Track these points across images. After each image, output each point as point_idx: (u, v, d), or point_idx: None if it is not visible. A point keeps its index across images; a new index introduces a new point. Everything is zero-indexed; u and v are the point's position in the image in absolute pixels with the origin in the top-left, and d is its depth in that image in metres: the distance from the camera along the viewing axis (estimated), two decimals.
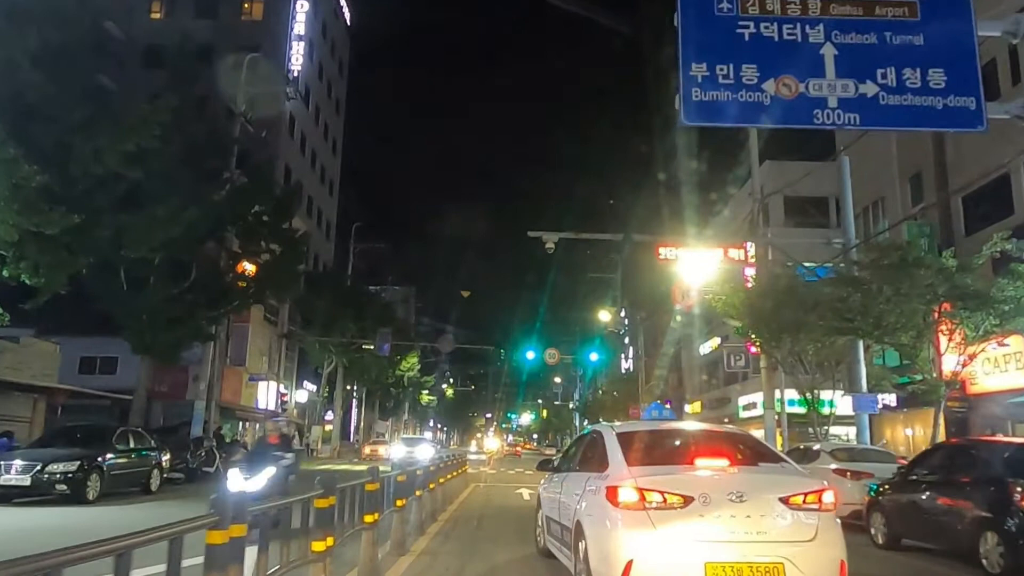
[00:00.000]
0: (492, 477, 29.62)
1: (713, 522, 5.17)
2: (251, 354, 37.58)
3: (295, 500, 5.40)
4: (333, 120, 65.75)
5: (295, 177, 54.18)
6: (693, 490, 5.29)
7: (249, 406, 36.28)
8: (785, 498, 5.33)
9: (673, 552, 5.14)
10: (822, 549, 5.27)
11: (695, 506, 5.20)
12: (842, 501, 12.77)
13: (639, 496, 5.32)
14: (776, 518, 5.27)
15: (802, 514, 5.33)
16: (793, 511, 5.31)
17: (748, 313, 19.36)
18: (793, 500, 5.33)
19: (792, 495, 5.35)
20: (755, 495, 5.29)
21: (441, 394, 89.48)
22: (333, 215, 64.74)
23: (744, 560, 5.06)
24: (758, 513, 5.23)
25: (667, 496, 5.27)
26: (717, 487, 5.36)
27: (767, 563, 5.05)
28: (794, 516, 5.30)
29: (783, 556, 5.08)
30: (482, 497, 18.88)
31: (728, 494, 5.25)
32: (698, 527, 5.16)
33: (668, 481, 5.43)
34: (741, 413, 38.24)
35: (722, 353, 28.74)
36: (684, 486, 5.35)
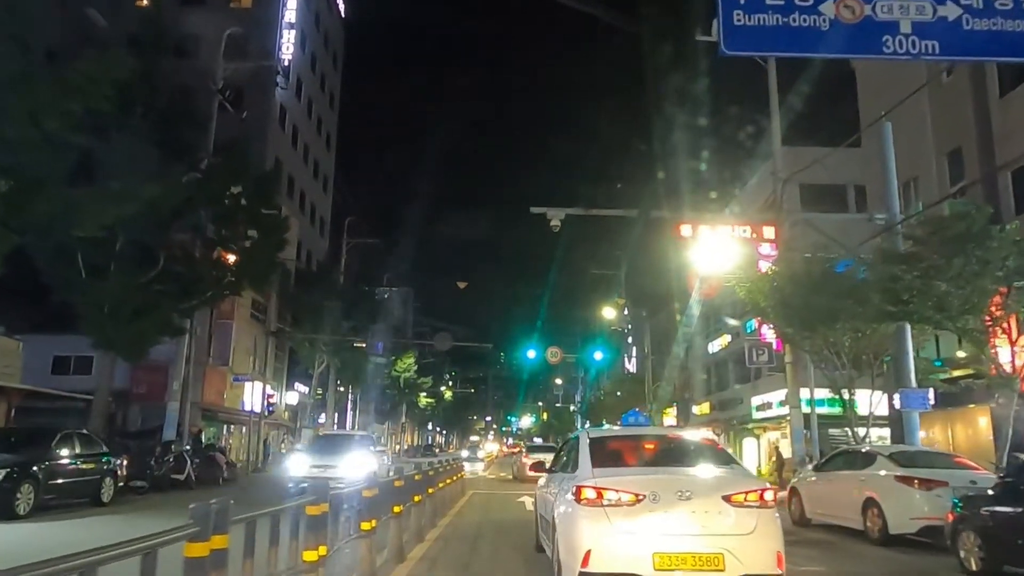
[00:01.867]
0: (491, 483, 27.57)
1: (661, 517, 5.78)
2: (237, 353, 35.51)
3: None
4: (327, 114, 63.81)
5: (287, 171, 52.26)
6: (644, 489, 5.91)
7: (234, 408, 34.22)
8: (728, 496, 5.89)
9: (626, 543, 5.77)
10: (760, 542, 5.82)
11: (646, 503, 5.83)
12: (909, 515, 10.81)
13: (597, 494, 5.96)
14: (718, 514, 5.82)
15: (743, 510, 5.86)
16: (735, 508, 5.86)
17: (776, 301, 17.29)
18: (735, 498, 5.89)
19: (734, 493, 5.92)
20: (700, 493, 5.90)
21: (440, 396, 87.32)
22: (327, 212, 62.74)
23: (688, 550, 5.67)
24: (702, 509, 5.80)
25: (621, 494, 5.90)
26: (666, 486, 5.94)
27: (709, 553, 5.65)
28: (735, 512, 5.84)
29: (723, 547, 5.67)
30: (479, 508, 16.82)
31: (676, 492, 5.86)
32: (648, 521, 5.79)
33: (622, 481, 6.05)
34: (755, 414, 36.19)
35: (742, 348, 26.41)
36: (637, 485, 5.97)
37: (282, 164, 51.16)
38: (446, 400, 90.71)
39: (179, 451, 20.21)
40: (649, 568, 5.68)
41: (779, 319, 17.76)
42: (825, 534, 12.44)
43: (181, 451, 20.30)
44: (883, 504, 10.91)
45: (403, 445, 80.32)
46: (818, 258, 16.86)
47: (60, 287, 18.63)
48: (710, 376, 46.43)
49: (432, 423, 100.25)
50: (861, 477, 11.72)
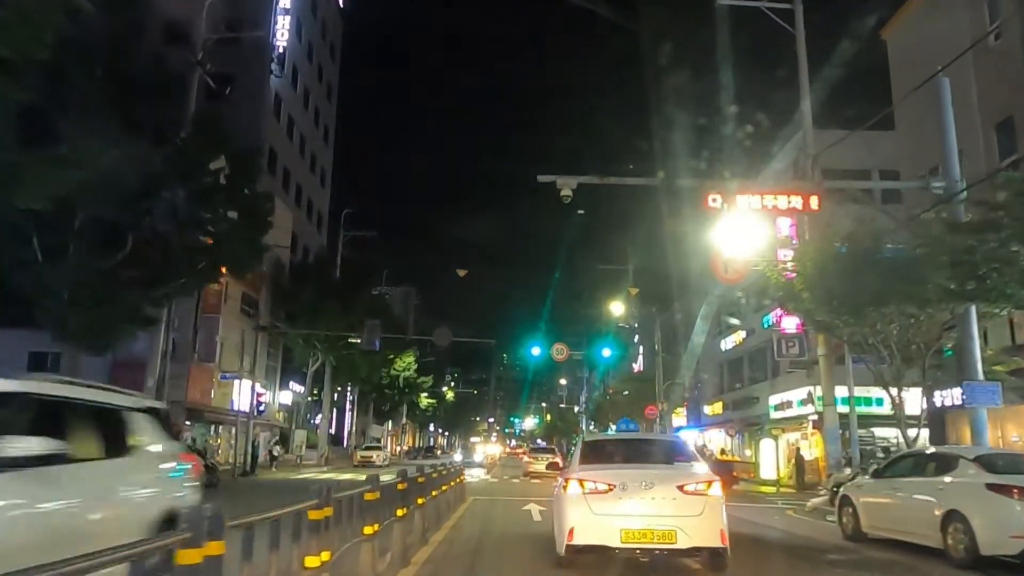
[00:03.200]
0: (493, 488, 25.61)
1: (628, 502, 7.45)
2: (226, 350, 33.63)
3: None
4: (324, 106, 61.93)
5: (282, 163, 50.42)
6: (616, 480, 7.59)
7: (222, 408, 32.31)
8: (680, 486, 7.50)
9: (599, 522, 7.46)
10: (706, 521, 7.39)
11: (616, 492, 7.51)
12: (1007, 532, 8.80)
13: (579, 485, 7.70)
14: (672, 500, 7.42)
15: (692, 497, 7.46)
16: (686, 495, 7.45)
17: (814, 283, 15.29)
18: (686, 488, 7.49)
19: (686, 484, 7.52)
20: (660, 484, 7.51)
21: (441, 397, 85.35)
22: (325, 207, 60.85)
23: (648, 527, 7.31)
24: (660, 496, 7.43)
25: (597, 484, 7.61)
26: (633, 479, 7.60)
27: (664, 530, 7.29)
28: (686, 499, 7.43)
29: (676, 526, 7.29)
30: (480, 518, 14.84)
31: (640, 483, 7.51)
32: (617, 506, 7.46)
33: (599, 475, 7.76)
34: (773, 414, 34.15)
35: (759, 345, 24.39)
36: (610, 477, 7.66)
37: (277, 155, 49.40)
38: (447, 401, 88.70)
39: None
40: (617, 541, 7.30)
41: (817, 304, 15.72)
42: (892, 552, 10.43)
43: None
44: (971, 518, 8.92)
45: (403, 447, 78.42)
46: (863, 233, 14.82)
47: (12, 271, 16.69)
48: (723, 374, 44.44)
49: (434, 424, 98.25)
50: (939, 485, 9.71)
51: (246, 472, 30.87)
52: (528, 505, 17.23)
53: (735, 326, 40.88)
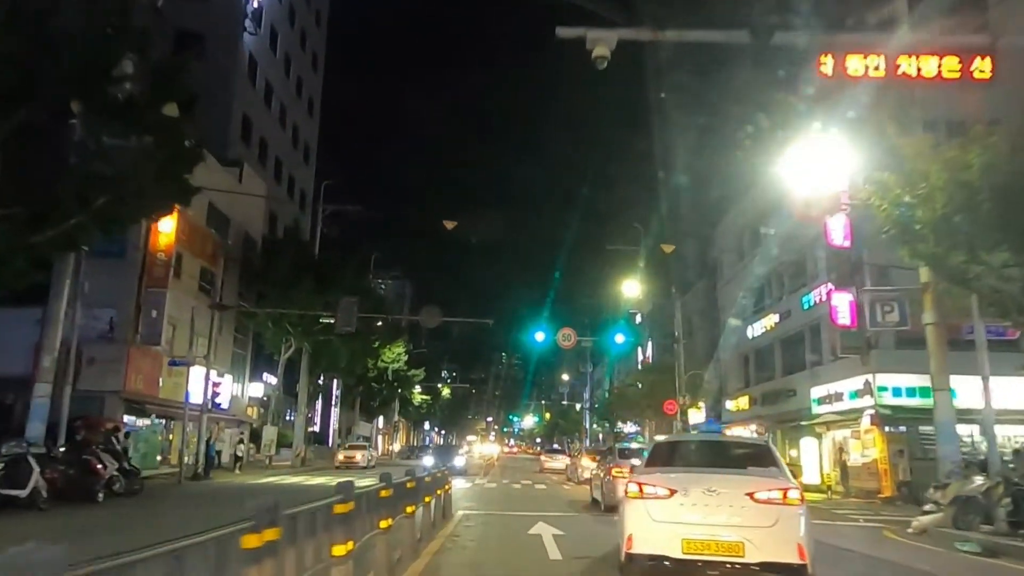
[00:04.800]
0: (491, 497, 20.80)
1: (690, 509, 6.80)
2: (180, 333, 28.77)
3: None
4: (309, 76, 57.04)
5: (257, 132, 45.56)
6: (676, 485, 6.98)
7: (173, 399, 27.47)
8: (750, 493, 6.78)
9: (660, 529, 6.87)
10: (781, 534, 6.64)
11: (677, 497, 6.88)
12: None
13: (639, 488, 7.18)
14: (741, 508, 6.73)
15: (765, 507, 6.73)
16: (756, 504, 6.73)
17: (955, 209, 10.45)
18: (757, 496, 6.77)
19: (756, 491, 6.79)
20: (726, 490, 6.83)
21: (436, 394, 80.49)
22: (309, 185, 55.93)
23: (712, 538, 6.65)
24: (727, 504, 6.75)
25: (657, 488, 7.03)
26: (696, 483, 6.96)
27: (730, 541, 6.61)
28: (757, 508, 6.72)
29: (744, 537, 6.60)
30: (468, 553, 9.99)
31: (705, 489, 6.85)
32: (678, 512, 6.83)
33: (659, 478, 7.21)
34: (815, 408, 29.36)
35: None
36: (670, 482, 7.07)
37: (252, 122, 44.60)
38: (443, 398, 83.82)
39: (12, 453, 13.38)
40: (679, 551, 6.73)
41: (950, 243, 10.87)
42: None
43: (19, 454, 13.44)
44: None
45: (396, 446, 73.57)
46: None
47: None
48: (748, 366, 39.64)
49: (429, 422, 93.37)
50: None
51: (198, 475, 26.05)
52: (536, 527, 12.41)
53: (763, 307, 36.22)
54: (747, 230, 40.16)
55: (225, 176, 34.77)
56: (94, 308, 25.86)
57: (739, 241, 41.67)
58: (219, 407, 29.79)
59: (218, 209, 33.44)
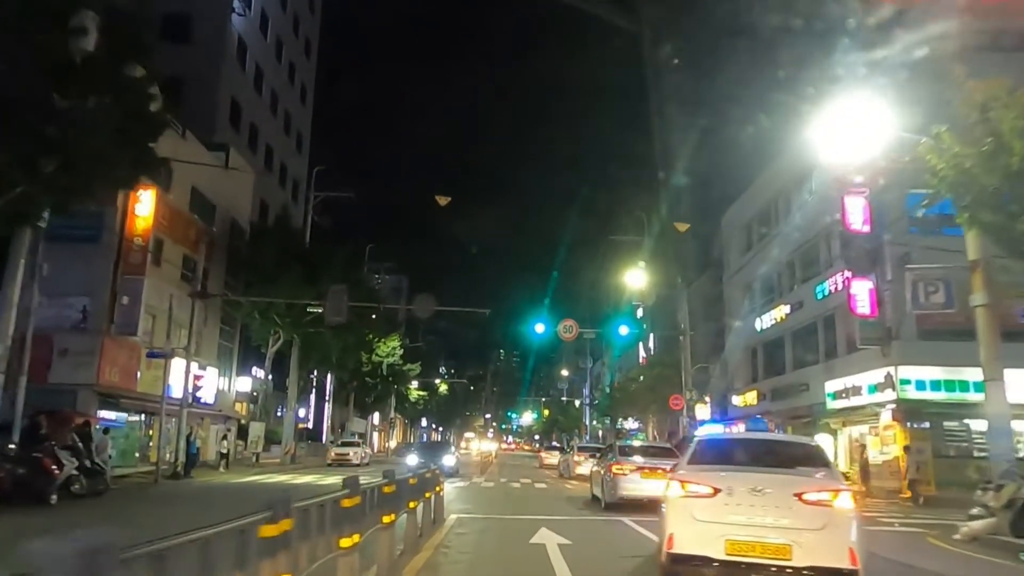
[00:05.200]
0: (488, 498, 19.28)
1: (734, 509, 6.49)
2: (159, 323, 27.26)
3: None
4: (302, 63, 55.44)
5: (247, 117, 43.96)
6: (720, 484, 6.67)
7: (153, 394, 25.88)
8: (799, 494, 6.46)
9: (702, 529, 6.55)
10: (831, 537, 6.31)
11: (721, 496, 6.59)
12: None
13: (681, 486, 6.91)
14: (789, 509, 6.40)
15: (814, 508, 6.41)
16: (805, 505, 6.41)
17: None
18: (806, 496, 6.45)
19: (805, 492, 6.49)
20: (773, 490, 6.54)
21: (433, 390, 78.93)
22: (302, 175, 54.18)
23: (757, 540, 6.34)
24: (773, 504, 6.45)
25: (700, 487, 6.74)
26: (741, 483, 6.66)
27: (777, 544, 6.28)
28: (805, 509, 6.40)
29: (791, 540, 6.25)
30: (461, 566, 8.46)
31: (750, 488, 6.55)
32: (722, 512, 6.51)
33: (702, 476, 6.92)
34: (830, 403, 27.85)
35: (905, 282, 16.78)
36: (713, 480, 6.75)
37: (241, 107, 43.00)
38: (440, 394, 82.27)
39: None
40: (722, 553, 6.39)
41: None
42: None
43: None
44: None
45: (393, 442, 72.02)
46: None
47: None
48: (756, 360, 38.12)
49: (426, 419, 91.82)
50: None
51: (177, 474, 24.52)
52: (539, 534, 10.89)
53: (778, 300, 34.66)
54: (755, 220, 38.69)
55: (210, 160, 33.20)
56: (66, 296, 24.39)
57: (746, 232, 40.16)
58: (200, 401, 28.27)
59: (202, 194, 31.88)
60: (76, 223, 24.47)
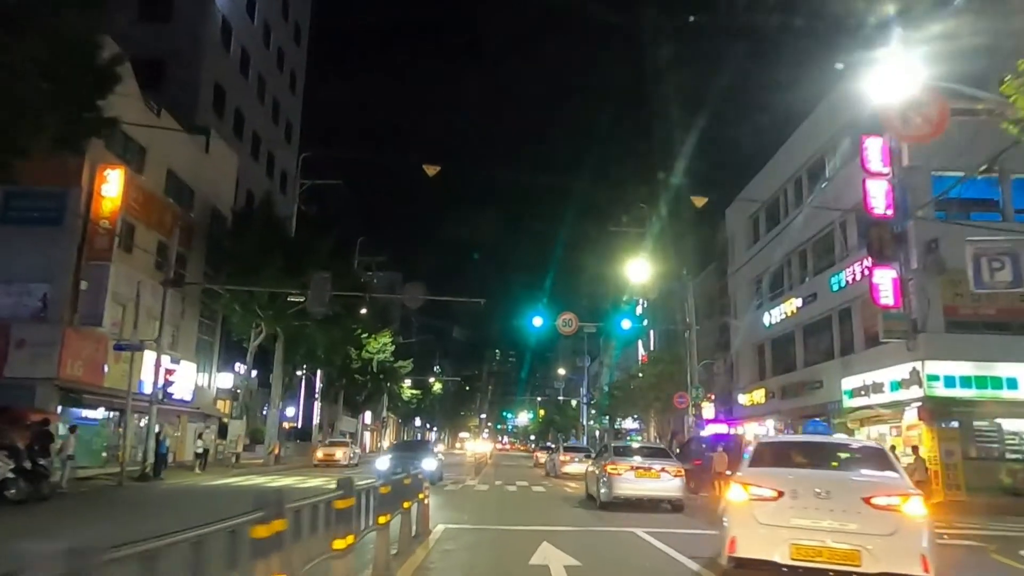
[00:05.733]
0: (482, 502, 17.47)
1: (800, 513, 6.32)
2: (130, 313, 25.37)
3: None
4: (291, 49, 53.58)
5: (231, 102, 42.07)
6: (784, 486, 6.52)
7: (121, 389, 23.97)
8: (867, 498, 6.28)
9: (766, 533, 6.38)
10: (901, 543, 6.09)
11: (785, 499, 6.44)
12: None
13: (743, 489, 6.76)
14: (856, 514, 6.20)
15: (883, 513, 6.20)
16: (874, 509, 6.22)
17: None
18: (874, 501, 6.26)
19: (874, 496, 6.29)
20: (840, 494, 6.37)
21: (427, 389, 77.05)
22: (292, 165, 52.07)
23: (824, 544, 6.14)
24: (841, 508, 6.24)
25: (763, 489, 6.59)
26: (806, 485, 6.50)
27: (845, 549, 6.08)
28: (874, 514, 6.20)
29: (860, 545, 6.05)
30: None
31: (815, 491, 6.38)
32: (787, 516, 6.35)
33: (765, 478, 6.76)
34: (847, 401, 26.13)
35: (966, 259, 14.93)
36: (777, 483, 6.60)
37: (225, 91, 41.09)
38: (434, 394, 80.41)
39: None
40: (787, 558, 6.23)
41: None
42: None
43: None
44: None
45: (385, 442, 70.14)
46: None
47: None
48: (764, 356, 36.36)
49: (420, 418, 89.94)
50: None
51: (145, 475, 22.69)
52: (541, 551, 9.10)
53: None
54: (762, 210, 36.96)
55: (188, 143, 31.37)
56: (25, 283, 22.57)
57: (752, 223, 38.43)
58: (172, 397, 26.38)
59: (179, 178, 30.05)
60: (37, 204, 22.72)
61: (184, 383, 29.88)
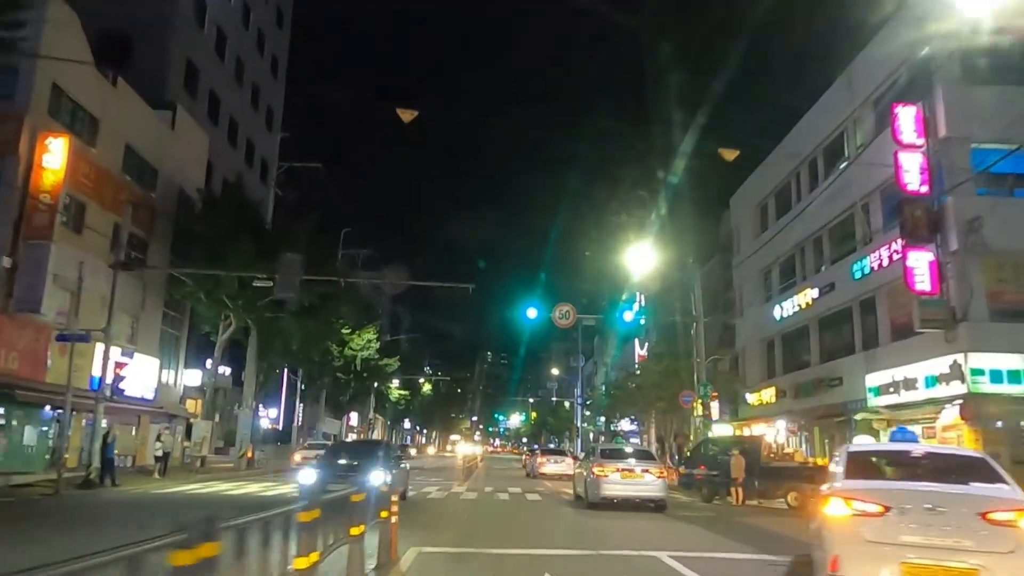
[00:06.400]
0: (473, 512, 14.92)
1: (909, 529, 5.83)
2: (86, 302, 22.71)
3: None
4: (273, 33, 50.93)
5: (205, 83, 39.42)
6: (891, 501, 6.03)
7: (63, 384, 21.33)
8: (983, 513, 5.76)
9: (873, 552, 5.92)
10: (1021, 561, 5.59)
11: (893, 515, 5.94)
12: None
13: (844, 503, 6.23)
14: (972, 530, 5.71)
15: (1001, 529, 5.69)
16: (991, 525, 5.70)
17: None
18: (991, 516, 5.73)
19: (990, 511, 5.76)
20: (952, 508, 5.84)
21: (417, 389, 74.44)
22: (273, 155, 49.57)
23: (938, 563, 5.66)
24: (955, 525, 5.74)
25: (868, 504, 6.08)
26: (916, 500, 5.98)
27: (962, 568, 5.59)
28: (992, 530, 5.69)
29: (980, 564, 5.57)
30: None
31: (926, 505, 5.88)
32: (895, 532, 5.87)
33: (869, 492, 6.26)
34: (872, 400, 23.74)
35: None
36: (883, 497, 6.12)
37: (198, 71, 38.45)
38: (424, 395, 77.80)
39: None
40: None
41: None
42: None
43: None
44: None
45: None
46: None
47: None
48: (773, 353, 33.95)
49: (409, 420, 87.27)
50: None
51: (90, 482, 20.07)
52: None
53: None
54: (771, 197, 34.60)
55: (151, 119, 28.80)
56: None
57: (760, 211, 36.06)
58: (123, 394, 23.72)
59: (139, 155, 27.46)
60: None
61: (145, 380, 27.29)
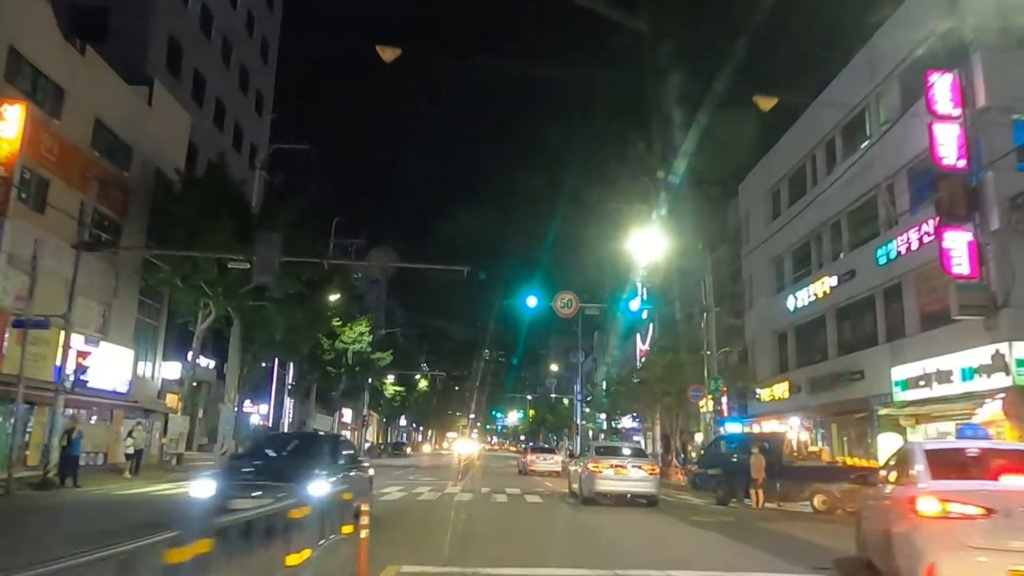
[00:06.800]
0: (462, 526, 13.13)
1: (1017, 534, 5.46)
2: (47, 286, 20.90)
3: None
4: (263, 14, 49.05)
5: (190, 62, 37.54)
6: (995, 503, 5.62)
7: (33, 377, 19.52)
8: None
9: (976, 560, 5.48)
10: None
11: (997, 518, 5.52)
12: None
13: (939, 503, 5.78)
14: None
15: None
16: None
17: None
18: None
19: None
20: None
21: (413, 385, 72.62)
22: (262, 140, 47.68)
23: None
24: None
25: (968, 507, 5.66)
26: (1021, 502, 5.65)
27: None
28: None
29: None
30: None
31: None
32: (1001, 537, 5.48)
33: (968, 494, 5.82)
34: (899, 394, 22.01)
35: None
36: (986, 498, 5.70)
37: (182, 49, 36.55)
38: (419, 391, 76.01)
39: None
40: None
41: None
42: None
43: None
44: None
45: (366, 442, 65.68)
46: None
47: None
48: (786, 346, 32.20)
49: (405, 417, 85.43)
50: None
51: (49, 482, 18.29)
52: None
53: None
54: (784, 182, 32.86)
55: (125, 93, 26.97)
56: None
57: (772, 197, 34.30)
58: (86, 385, 21.90)
59: (112, 131, 25.62)
60: None
61: (118, 371, 25.50)
